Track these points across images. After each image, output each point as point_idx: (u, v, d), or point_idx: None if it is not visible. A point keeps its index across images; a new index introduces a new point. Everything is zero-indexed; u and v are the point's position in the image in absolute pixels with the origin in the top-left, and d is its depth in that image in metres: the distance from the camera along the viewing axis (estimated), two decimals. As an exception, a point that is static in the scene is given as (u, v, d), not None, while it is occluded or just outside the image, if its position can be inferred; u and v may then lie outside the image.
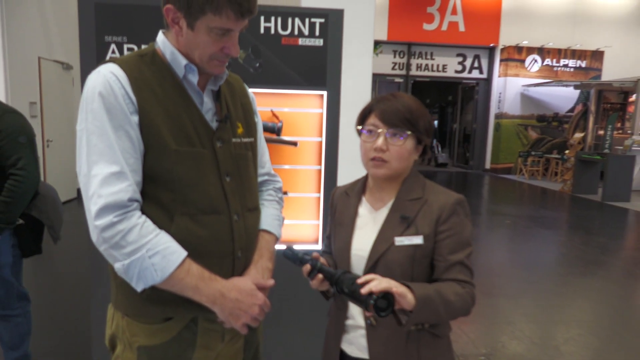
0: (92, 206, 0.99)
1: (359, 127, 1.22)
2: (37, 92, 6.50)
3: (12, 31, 5.93)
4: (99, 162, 1.00)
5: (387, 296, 1.00)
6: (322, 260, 1.16)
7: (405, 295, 1.02)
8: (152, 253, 0.99)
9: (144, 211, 1.04)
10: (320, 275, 1.13)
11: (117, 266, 1.01)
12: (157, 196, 1.06)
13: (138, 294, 1.04)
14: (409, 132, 1.16)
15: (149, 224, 1.02)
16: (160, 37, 1.13)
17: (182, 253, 1.03)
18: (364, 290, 1.00)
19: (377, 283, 1.01)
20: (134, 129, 1.03)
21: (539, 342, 3.20)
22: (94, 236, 1.00)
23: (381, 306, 1.00)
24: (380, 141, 1.16)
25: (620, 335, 3.37)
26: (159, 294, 1.05)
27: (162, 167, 1.05)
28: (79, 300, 3.65)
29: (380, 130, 1.16)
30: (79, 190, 7.58)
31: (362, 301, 1.01)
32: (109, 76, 1.03)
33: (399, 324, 1.07)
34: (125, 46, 2.09)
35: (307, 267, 1.15)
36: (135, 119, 1.03)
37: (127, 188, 1.00)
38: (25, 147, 2.19)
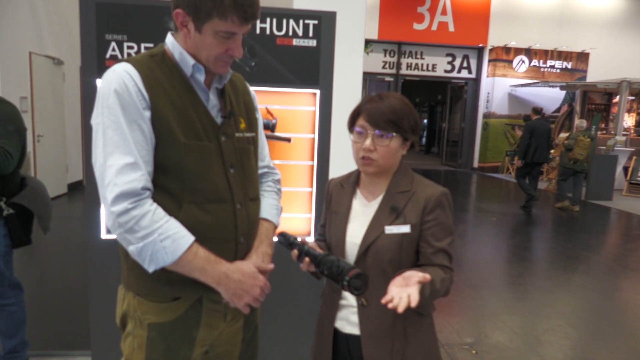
0: (108, 194, 1.08)
1: (350, 129, 1.31)
2: (27, 87, 6.48)
3: (2, 26, 5.91)
4: (114, 154, 1.09)
5: (360, 276, 1.11)
6: (310, 244, 1.26)
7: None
8: (164, 237, 1.08)
9: (154, 199, 1.13)
10: (307, 259, 1.24)
11: (131, 249, 1.10)
12: (167, 185, 1.15)
13: (149, 275, 1.13)
14: (394, 133, 1.25)
15: (160, 210, 1.11)
16: (169, 38, 1.22)
17: (191, 237, 1.12)
18: (391, 306, 1.05)
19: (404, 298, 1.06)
20: (146, 124, 1.12)
21: (520, 332, 3.34)
22: (110, 221, 1.09)
23: (355, 285, 1.11)
24: (368, 142, 1.25)
25: (597, 326, 3.53)
26: (168, 275, 1.14)
27: (171, 158, 1.15)
28: (72, 291, 3.70)
29: (368, 132, 1.26)
30: (69, 186, 7.59)
31: (337, 281, 1.13)
32: (123, 75, 1.11)
33: None
34: (125, 44, 2.15)
35: (294, 252, 1.27)
36: (147, 114, 1.12)
37: (140, 177, 1.09)
38: (12, 135, 2.24)
